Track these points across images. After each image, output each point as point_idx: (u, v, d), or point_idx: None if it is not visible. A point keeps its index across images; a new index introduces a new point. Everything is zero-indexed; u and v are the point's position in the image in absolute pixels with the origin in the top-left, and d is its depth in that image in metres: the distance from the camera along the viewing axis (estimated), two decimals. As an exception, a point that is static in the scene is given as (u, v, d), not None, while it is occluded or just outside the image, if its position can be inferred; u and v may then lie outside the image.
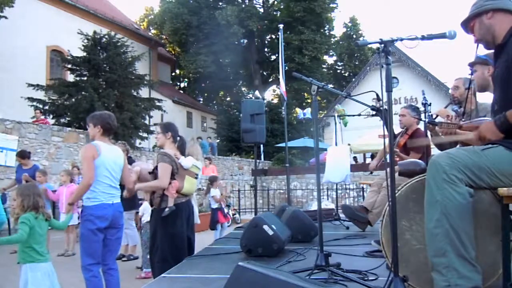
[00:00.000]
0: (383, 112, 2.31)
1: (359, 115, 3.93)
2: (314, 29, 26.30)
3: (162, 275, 2.77)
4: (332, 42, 29.65)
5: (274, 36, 27.79)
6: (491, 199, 1.88)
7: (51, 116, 13.05)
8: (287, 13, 26.32)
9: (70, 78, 14.45)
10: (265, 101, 23.98)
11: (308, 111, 8.16)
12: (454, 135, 2.25)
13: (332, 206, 6.77)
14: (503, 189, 1.79)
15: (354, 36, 31.30)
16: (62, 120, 13.02)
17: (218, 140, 24.40)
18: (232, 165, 18.21)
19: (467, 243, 1.75)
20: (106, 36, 13.99)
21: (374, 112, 2.75)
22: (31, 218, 3.21)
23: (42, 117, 12.40)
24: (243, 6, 27.21)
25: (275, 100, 30.91)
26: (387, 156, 2.18)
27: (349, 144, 7.09)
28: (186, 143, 4.12)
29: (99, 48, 13.77)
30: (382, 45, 1.95)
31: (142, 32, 26.31)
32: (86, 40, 13.60)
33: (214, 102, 34.26)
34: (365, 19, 65.81)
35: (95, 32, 14.03)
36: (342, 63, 32.26)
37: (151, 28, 32.50)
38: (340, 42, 31.26)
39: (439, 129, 2.25)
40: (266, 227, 3.16)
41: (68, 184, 6.65)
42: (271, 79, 30.20)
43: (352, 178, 9.49)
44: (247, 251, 3.19)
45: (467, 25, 2.11)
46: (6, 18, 13.27)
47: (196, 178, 4.02)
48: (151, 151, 14.43)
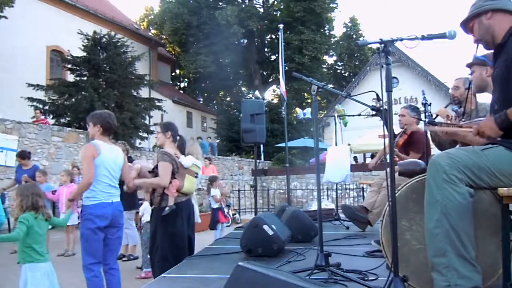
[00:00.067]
0: (383, 112, 2.31)
1: (359, 115, 3.93)
2: (314, 29, 26.30)
3: (162, 275, 2.77)
4: (332, 42, 29.66)
5: (274, 36, 27.79)
6: (491, 199, 1.88)
7: (51, 116, 13.06)
8: (287, 13, 26.32)
9: (70, 78, 14.46)
10: (265, 101, 24.00)
11: (308, 111, 8.15)
12: (454, 136, 2.25)
13: (332, 206, 6.77)
14: (503, 189, 1.79)
15: (354, 36, 31.31)
16: (62, 120, 13.02)
17: (218, 140, 24.40)
18: (232, 165, 18.21)
19: (467, 243, 1.75)
20: (106, 36, 13.99)
21: (374, 112, 2.76)
22: (30, 218, 3.20)
23: (42, 117, 12.40)
24: (243, 6, 27.21)
25: (275, 100, 30.93)
26: (387, 156, 2.18)
27: (349, 144, 7.08)
28: (186, 142, 4.13)
29: (99, 48, 13.77)
30: (382, 45, 1.95)
31: (142, 32, 26.31)
32: (86, 40, 13.61)
33: (214, 102, 34.27)
34: (365, 19, 65.99)
35: (95, 32, 14.04)
36: (342, 63, 32.27)
37: (151, 28, 32.51)
38: (340, 42, 31.27)
39: (438, 129, 2.25)
40: (266, 227, 3.16)
41: (68, 184, 6.65)
42: (271, 79, 30.21)
43: (352, 178, 9.48)
44: (247, 251, 3.19)
45: (467, 25, 2.11)
46: (6, 18, 13.27)
47: (196, 177, 4.03)
48: (151, 151, 14.43)
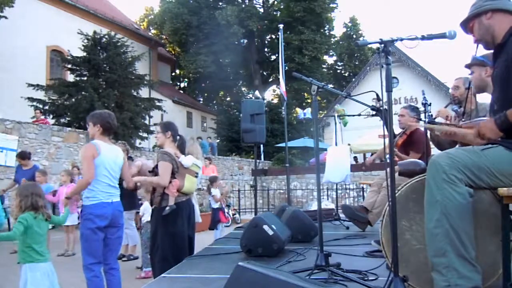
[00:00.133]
0: (383, 112, 2.31)
1: (359, 115, 3.92)
2: (314, 29, 26.30)
3: (162, 275, 2.77)
4: (332, 42, 29.66)
5: (274, 36, 27.79)
6: (491, 199, 1.88)
7: (51, 116, 13.06)
8: (287, 13, 26.32)
9: (70, 78, 14.46)
10: (265, 101, 24.00)
11: (308, 111, 8.16)
12: (454, 136, 2.25)
13: (332, 206, 6.77)
14: (503, 189, 1.79)
15: (354, 36, 31.31)
16: (62, 120, 13.03)
17: (218, 140, 24.40)
18: (232, 165, 18.21)
19: (467, 243, 1.75)
20: (106, 36, 13.99)
21: (374, 112, 2.76)
22: (29, 218, 3.19)
23: (42, 117, 12.41)
24: (243, 6, 27.21)
25: (275, 100, 30.94)
26: (387, 156, 2.17)
27: (349, 144, 7.06)
28: (186, 142, 4.13)
29: (99, 48, 13.77)
30: (382, 45, 1.95)
31: (142, 32, 26.31)
32: (86, 40, 13.61)
33: (214, 102, 34.27)
34: (365, 19, 66.00)
35: (95, 32, 14.04)
36: (342, 63, 32.27)
37: (151, 28, 32.51)
38: (340, 42, 31.27)
39: (438, 130, 2.24)
40: (266, 227, 3.16)
41: (68, 184, 6.64)
42: (271, 79, 30.21)
43: (352, 178, 9.47)
44: (247, 251, 3.19)
45: (467, 25, 2.11)
46: (6, 18, 13.27)
47: (196, 177, 4.03)
48: (151, 151, 14.43)
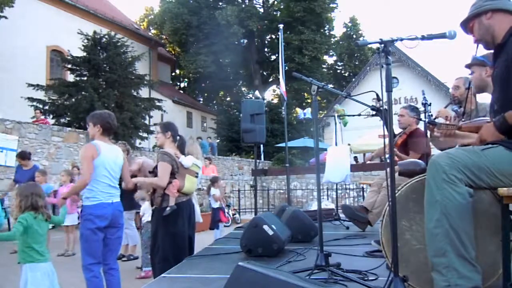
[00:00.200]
0: (383, 112, 2.31)
1: (359, 115, 3.92)
2: (314, 29, 26.30)
3: (162, 275, 2.77)
4: (332, 42, 29.66)
5: (274, 36, 27.79)
6: (491, 199, 1.88)
7: (51, 116, 13.07)
8: (287, 13, 26.32)
9: (70, 78, 14.46)
10: (265, 101, 23.99)
11: (308, 111, 8.14)
12: (454, 137, 2.24)
13: (332, 206, 6.77)
14: (503, 189, 1.79)
15: (354, 36, 31.31)
16: (62, 120, 13.03)
17: (218, 140, 24.40)
18: (232, 165, 18.21)
19: (467, 243, 1.75)
20: (106, 36, 14.00)
21: (374, 112, 2.76)
22: (29, 218, 3.19)
23: (42, 117, 12.41)
24: (243, 6, 27.21)
25: (275, 100, 30.93)
26: (387, 156, 2.17)
27: (349, 144, 7.06)
28: (185, 142, 4.13)
29: (99, 48, 13.78)
30: (382, 45, 1.95)
31: (142, 32, 26.31)
32: (86, 40, 13.62)
33: (214, 102, 34.27)
34: (365, 19, 66.00)
35: (95, 32, 14.04)
36: (342, 63, 32.27)
37: (151, 28, 32.51)
38: (340, 42, 31.27)
39: (437, 130, 2.22)
40: (266, 227, 3.16)
41: (68, 184, 6.63)
42: (271, 79, 30.20)
43: (352, 178, 9.47)
44: (247, 251, 3.19)
45: (467, 25, 2.11)
46: (6, 18, 13.27)
47: (196, 177, 4.03)
48: (151, 151, 14.43)
